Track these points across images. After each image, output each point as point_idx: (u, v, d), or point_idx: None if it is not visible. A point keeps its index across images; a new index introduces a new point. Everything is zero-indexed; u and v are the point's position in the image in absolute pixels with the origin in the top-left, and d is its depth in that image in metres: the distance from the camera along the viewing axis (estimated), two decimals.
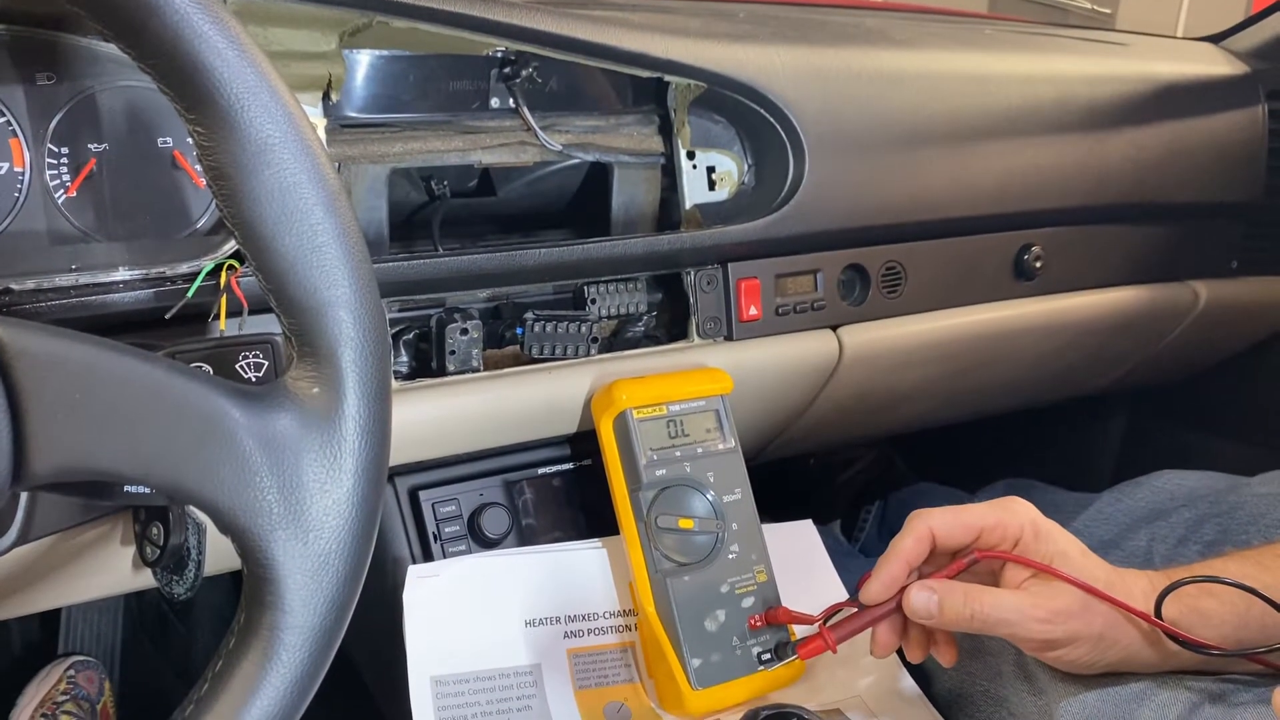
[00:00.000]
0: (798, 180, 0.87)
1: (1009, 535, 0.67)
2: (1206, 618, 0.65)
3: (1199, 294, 1.23)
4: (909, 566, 0.68)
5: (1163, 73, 1.15)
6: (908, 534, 0.67)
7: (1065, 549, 0.67)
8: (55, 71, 0.65)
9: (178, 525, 0.66)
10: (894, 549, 0.68)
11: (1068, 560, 0.66)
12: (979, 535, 0.67)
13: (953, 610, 0.65)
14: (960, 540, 0.68)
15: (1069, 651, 0.66)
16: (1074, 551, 0.67)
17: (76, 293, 0.61)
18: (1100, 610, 0.65)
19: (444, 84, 0.80)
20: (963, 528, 0.67)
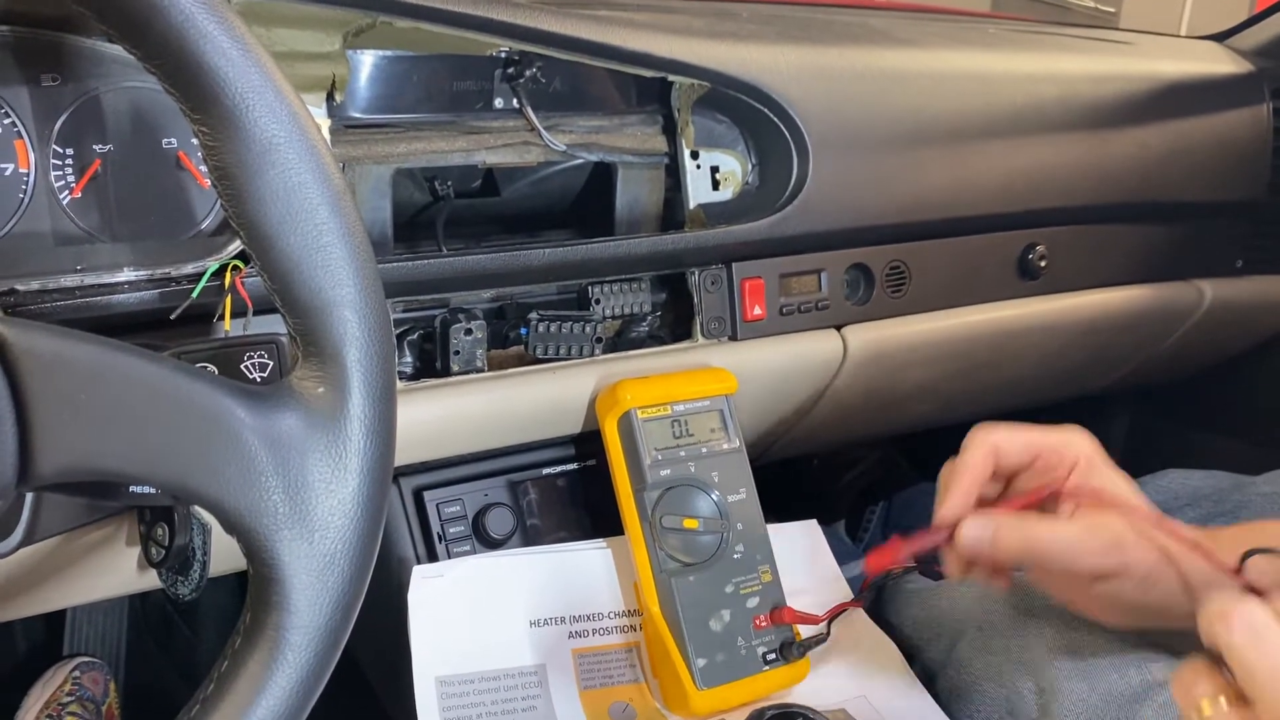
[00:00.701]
0: (802, 180, 0.87)
1: (1065, 461, 0.65)
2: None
3: (1204, 293, 1.23)
4: (979, 482, 0.65)
5: (1167, 71, 1.15)
6: (974, 449, 0.65)
7: (1120, 484, 0.65)
8: (60, 73, 0.65)
9: (183, 526, 0.66)
10: (962, 465, 0.65)
11: (1119, 494, 0.65)
12: (1037, 457, 0.66)
13: (1008, 541, 0.63)
14: (1019, 459, 0.66)
15: (1116, 585, 0.63)
16: (1126, 489, 0.65)
17: (82, 293, 0.61)
18: (1149, 548, 0.63)
19: (448, 84, 0.80)
20: (1024, 446, 0.66)
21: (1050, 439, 0.66)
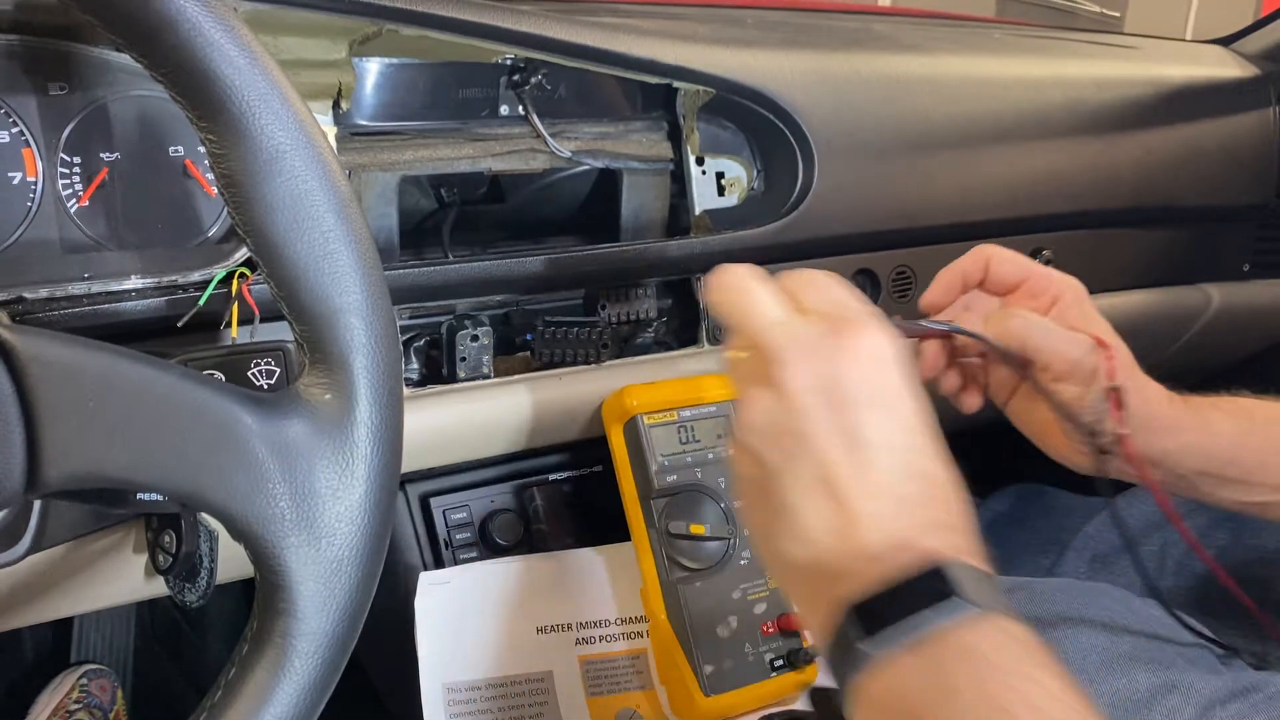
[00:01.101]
0: (807, 185, 0.87)
1: (1050, 290, 0.69)
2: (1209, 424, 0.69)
3: (1212, 297, 1.23)
4: (963, 278, 0.70)
5: (1172, 75, 1.15)
6: (966, 256, 0.70)
7: (1101, 321, 0.69)
8: (68, 81, 0.65)
9: (190, 533, 0.66)
10: (952, 264, 0.71)
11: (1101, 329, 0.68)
12: (1026, 279, 0.69)
13: (997, 319, 0.67)
14: (1010, 275, 0.69)
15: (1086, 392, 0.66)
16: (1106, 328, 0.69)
17: (89, 301, 0.62)
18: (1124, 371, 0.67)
19: (454, 91, 0.81)
20: (1014, 263, 0.69)
21: (1040, 267, 0.70)
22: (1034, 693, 0.40)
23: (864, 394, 0.47)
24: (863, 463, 0.46)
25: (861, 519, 0.46)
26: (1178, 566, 0.92)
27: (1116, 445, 0.68)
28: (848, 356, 0.48)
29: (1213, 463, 0.69)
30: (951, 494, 0.47)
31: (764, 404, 0.49)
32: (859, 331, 0.48)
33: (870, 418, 0.47)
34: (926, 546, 0.44)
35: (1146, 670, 0.70)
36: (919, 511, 0.46)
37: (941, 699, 0.41)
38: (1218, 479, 0.70)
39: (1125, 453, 0.67)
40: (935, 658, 0.42)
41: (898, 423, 0.48)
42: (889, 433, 0.47)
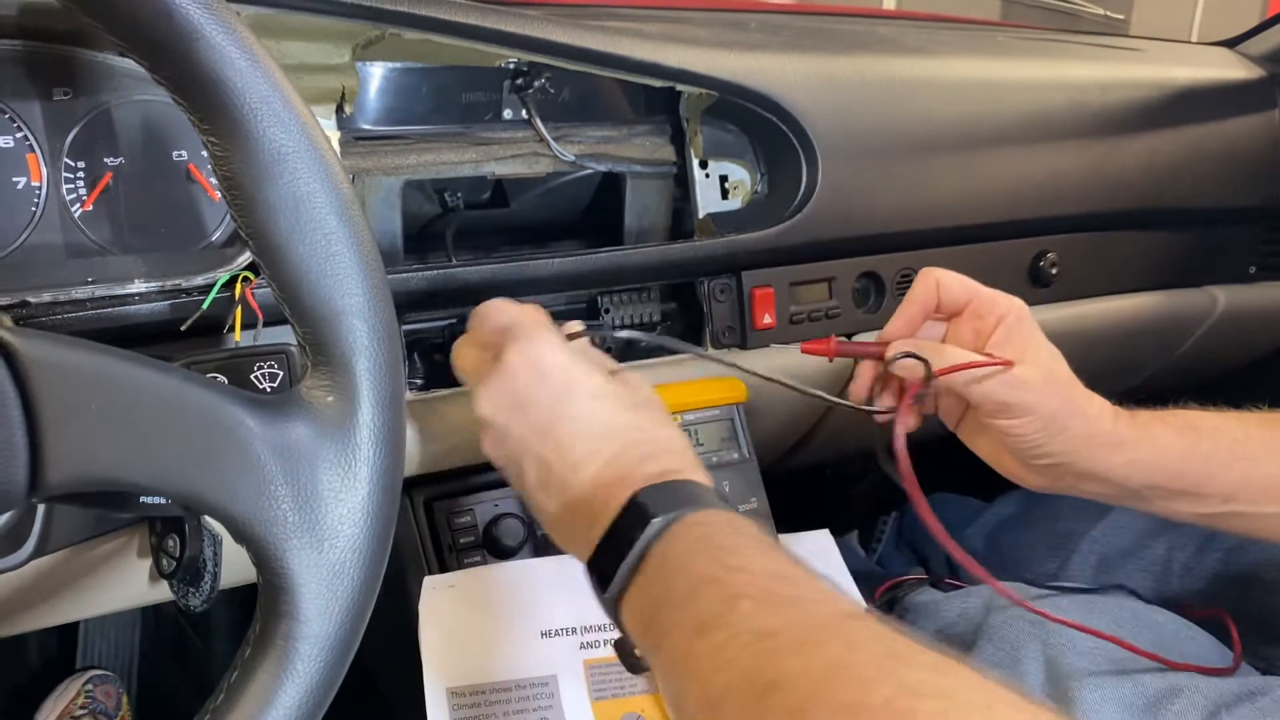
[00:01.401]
0: (811, 188, 0.87)
1: (996, 310, 0.69)
2: (1155, 438, 0.70)
3: (1217, 299, 1.22)
4: (925, 310, 0.71)
5: (1177, 78, 1.15)
6: (918, 283, 0.71)
7: (1040, 341, 0.69)
8: (72, 86, 0.65)
9: (193, 537, 0.66)
10: (908, 296, 0.71)
11: (1038, 351, 0.69)
12: (972, 300, 0.70)
13: (930, 353, 0.68)
14: (958, 296, 0.70)
15: (1021, 424, 0.67)
16: (1046, 348, 0.69)
17: (93, 305, 0.62)
18: (1060, 395, 0.68)
19: (457, 96, 0.81)
20: (962, 287, 0.70)
21: (986, 289, 0.71)
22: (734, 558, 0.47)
23: (535, 395, 0.58)
24: (558, 444, 0.57)
25: (579, 489, 0.55)
26: (1184, 570, 0.92)
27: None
28: (510, 373, 0.59)
29: (1160, 476, 0.70)
30: (647, 429, 0.57)
31: (490, 437, 0.61)
32: (511, 349, 0.59)
33: (551, 410, 0.57)
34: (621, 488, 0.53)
35: (1152, 674, 0.70)
36: (621, 460, 0.55)
37: (665, 598, 0.48)
38: (1167, 492, 0.70)
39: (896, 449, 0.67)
40: (655, 569, 0.49)
41: (574, 403, 0.57)
42: (570, 414, 0.57)
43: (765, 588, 0.46)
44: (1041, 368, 0.67)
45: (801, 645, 0.41)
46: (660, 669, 0.48)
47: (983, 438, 0.73)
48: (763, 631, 0.43)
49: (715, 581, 0.46)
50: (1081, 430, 0.68)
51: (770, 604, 0.45)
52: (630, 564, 0.50)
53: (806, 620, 0.43)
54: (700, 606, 0.46)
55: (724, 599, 0.45)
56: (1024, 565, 1.03)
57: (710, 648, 0.44)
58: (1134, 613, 0.78)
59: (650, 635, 0.49)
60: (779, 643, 0.42)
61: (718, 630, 0.44)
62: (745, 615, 0.44)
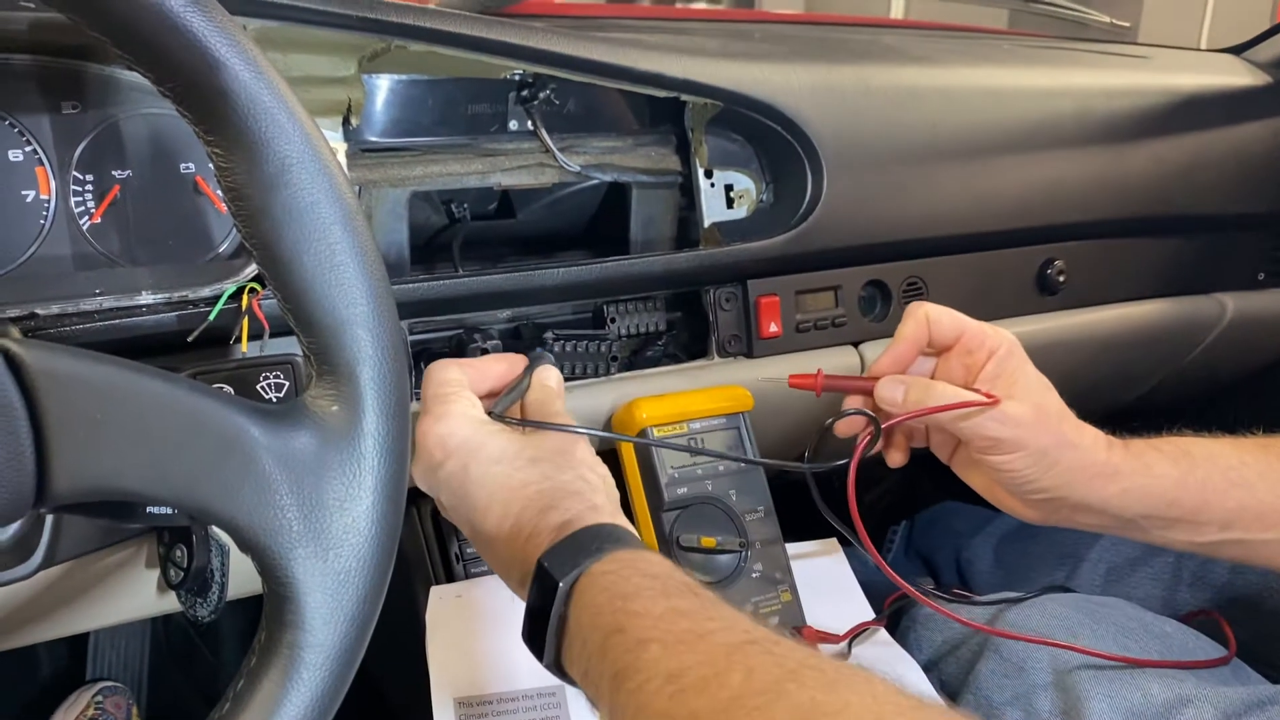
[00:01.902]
0: (816, 197, 0.87)
1: (987, 345, 0.70)
2: (1150, 467, 0.70)
3: (1226, 306, 1.22)
4: (916, 346, 0.72)
5: (1183, 85, 1.15)
6: (908, 319, 0.72)
7: (1031, 375, 0.70)
8: (80, 100, 0.66)
9: (201, 547, 0.66)
10: (898, 333, 0.72)
11: (1028, 385, 0.69)
12: (962, 335, 0.71)
13: (915, 396, 0.68)
14: (948, 332, 0.71)
15: (1012, 459, 0.68)
16: (1036, 382, 0.70)
17: (101, 317, 0.62)
18: (1051, 429, 0.68)
19: (463, 107, 0.81)
20: (951, 321, 0.71)
21: (975, 323, 0.71)
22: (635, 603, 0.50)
23: (447, 466, 0.62)
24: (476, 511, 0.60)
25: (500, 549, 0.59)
26: (1193, 579, 0.91)
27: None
28: (424, 447, 0.62)
29: (1156, 505, 0.70)
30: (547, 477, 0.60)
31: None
32: (423, 430, 0.63)
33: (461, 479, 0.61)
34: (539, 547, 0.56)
35: (1161, 683, 0.69)
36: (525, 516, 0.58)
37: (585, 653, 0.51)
38: (1164, 520, 0.70)
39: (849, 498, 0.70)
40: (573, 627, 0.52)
41: (476, 469, 0.61)
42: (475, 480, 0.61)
43: (667, 629, 0.48)
44: (1031, 402, 0.68)
45: (705, 683, 0.44)
46: (603, 718, 0.50)
47: (976, 472, 0.73)
48: (670, 674, 0.46)
49: (622, 630, 0.49)
50: (1074, 462, 0.68)
51: (674, 645, 0.47)
52: (554, 630, 0.53)
53: (709, 655, 0.46)
54: (613, 657, 0.48)
55: (631, 647, 0.48)
56: (1033, 575, 1.03)
57: (628, 695, 0.47)
58: (1142, 623, 0.78)
59: (588, 687, 0.52)
60: (686, 683, 0.45)
61: (632, 677, 0.47)
62: (654, 659, 0.47)
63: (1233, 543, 0.70)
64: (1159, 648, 0.76)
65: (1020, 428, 0.67)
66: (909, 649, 0.84)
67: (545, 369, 0.70)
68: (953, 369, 0.71)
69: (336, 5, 0.67)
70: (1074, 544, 1.03)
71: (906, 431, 0.74)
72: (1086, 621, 0.77)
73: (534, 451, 0.62)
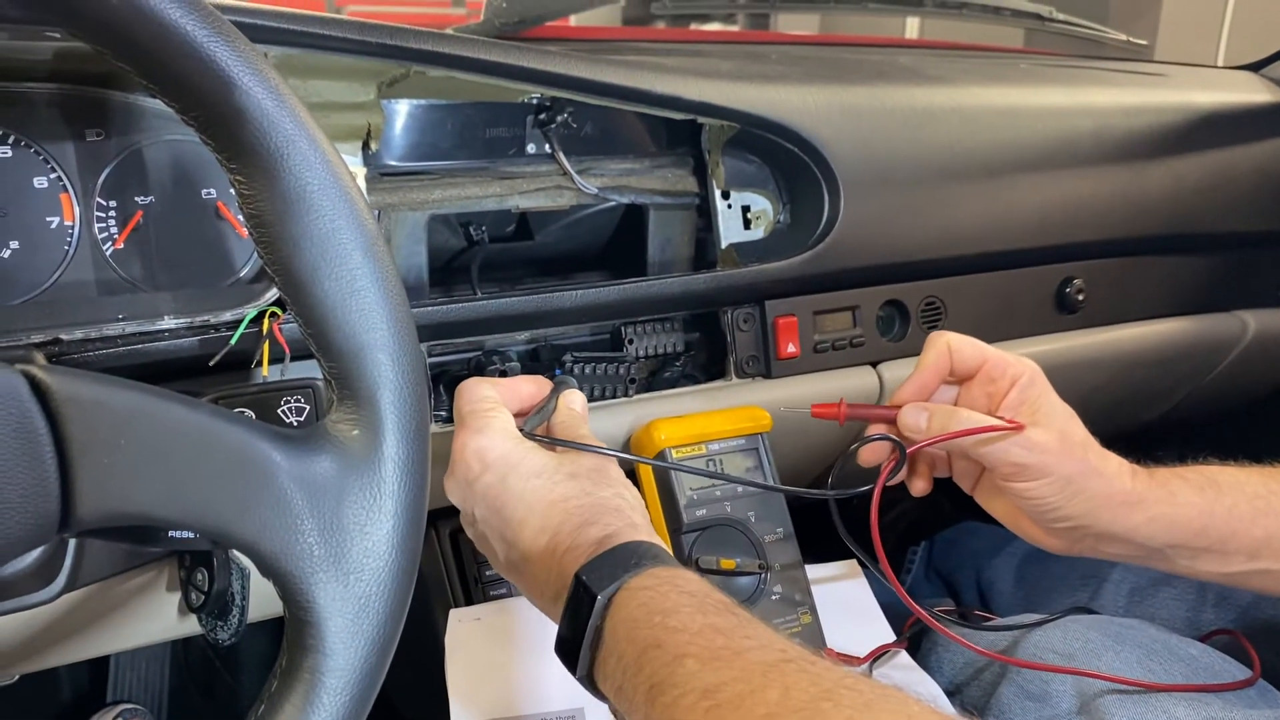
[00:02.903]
0: (833, 217, 0.87)
1: (1009, 373, 0.70)
2: (1175, 495, 0.69)
3: (1247, 324, 1.21)
4: (938, 375, 0.72)
5: (1201, 102, 1.15)
6: (930, 349, 0.72)
7: (1054, 403, 0.69)
8: (104, 128, 0.67)
9: (222, 571, 0.66)
10: (920, 362, 0.72)
11: (1052, 412, 0.69)
12: (984, 364, 0.71)
13: (939, 423, 0.68)
14: (970, 360, 0.71)
15: (1037, 487, 0.68)
16: (1060, 409, 0.69)
17: (123, 341, 0.63)
18: (1076, 457, 0.67)
19: (481, 131, 0.82)
20: (974, 350, 0.71)
21: (997, 351, 0.71)
22: (673, 619, 0.50)
23: (484, 480, 0.62)
24: (511, 525, 0.60)
25: (536, 565, 0.59)
26: (1218, 599, 0.90)
27: None
28: (461, 462, 0.63)
29: (1183, 534, 0.69)
30: (587, 493, 0.60)
31: (461, 518, 0.66)
32: (461, 442, 0.63)
33: (499, 493, 0.61)
34: (577, 561, 0.56)
35: (1187, 706, 0.69)
36: (564, 531, 0.58)
37: (621, 666, 0.51)
38: (1191, 550, 0.70)
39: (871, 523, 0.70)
40: (610, 641, 0.53)
41: (515, 483, 0.61)
42: (514, 494, 0.61)
43: (705, 644, 0.49)
44: (1055, 430, 0.67)
45: (741, 699, 0.45)
46: None
47: (999, 501, 0.73)
48: (706, 689, 0.46)
49: (659, 645, 0.50)
50: (1099, 490, 0.68)
51: (711, 661, 0.48)
52: (589, 643, 0.53)
53: (745, 672, 0.47)
54: (649, 671, 0.49)
55: (668, 661, 0.49)
56: (1055, 595, 1.02)
57: (663, 710, 0.47)
58: (1166, 645, 0.77)
59: (620, 701, 0.52)
60: (722, 698, 0.45)
61: (668, 691, 0.47)
62: (690, 674, 0.47)
63: (1260, 573, 0.70)
64: (1184, 670, 0.75)
65: (1045, 454, 0.67)
66: (930, 672, 0.83)
67: (571, 392, 0.70)
68: (975, 397, 0.71)
69: (356, 32, 0.68)
70: (1096, 565, 1.02)
71: (929, 460, 0.74)
72: (1110, 643, 0.76)
73: (571, 468, 0.62)
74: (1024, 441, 0.66)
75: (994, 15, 1.24)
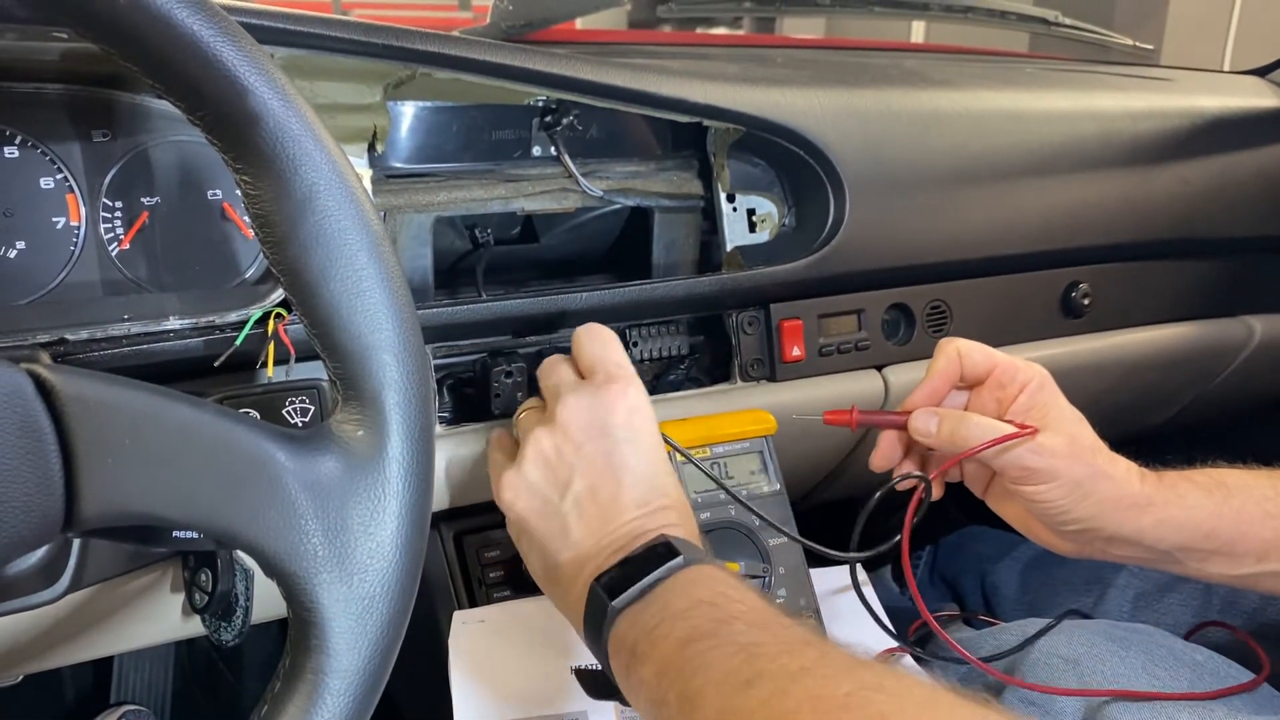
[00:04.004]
0: (839, 221, 0.87)
1: (1019, 378, 0.71)
2: (1183, 498, 0.70)
3: (1253, 329, 1.21)
4: (948, 381, 0.73)
5: (1207, 107, 1.14)
6: (939, 355, 0.73)
7: (1063, 407, 0.70)
8: (110, 128, 0.67)
9: (226, 572, 0.66)
10: (931, 368, 0.73)
11: (1061, 417, 0.70)
12: (994, 369, 0.72)
13: (949, 428, 0.69)
14: (980, 366, 0.72)
15: (1047, 490, 0.68)
16: (1069, 414, 0.70)
17: (129, 342, 0.63)
18: (1085, 461, 0.68)
19: (486, 133, 0.82)
20: (983, 356, 0.72)
21: (1006, 357, 0.72)
22: (735, 593, 0.55)
23: (620, 433, 0.64)
24: (619, 481, 0.62)
25: (617, 521, 0.61)
26: (1224, 604, 0.90)
27: None
28: (609, 405, 0.64)
29: (1191, 536, 0.70)
30: (676, 500, 0.64)
31: (546, 441, 0.64)
32: (621, 389, 0.65)
33: (625, 449, 0.63)
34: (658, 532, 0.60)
35: (1191, 712, 0.68)
36: (656, 514, 0.62)
37: (663, 614, 0.54)
38: (1200, 553, 0.70)
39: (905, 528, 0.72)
40: (660, 595, 0.56)
41: (644, 454, 0.64)
42: (637, 460, 0.63)
43: (756, 616, 0.53)
44: (1065, 434, 0.68)
45: (779, 654, 0.48)
46: (643, 679, 0.53)
47: (1010, 504, 0.74)
48: (747, 644, 0.50)
49: (714, 605, 0.54)
50: (1108, 493, 0.68)
51: (757, 626, 0.52)
52: (645, 584, 0.56)
53: (787, 638, 0.50)
54: (694, 623, 0.53)
55: (718, 619, 0.52)
56: (1059, 600, 1.02)
57: (695, 653, 0.50)
58: (1171, 651, 0.77)
59: (641, 646, 0.54)
60: (760, 651, 0.49)
61: (706, 639, 0.51)
62: (735, 632, 0.51)
63: (1269, 574, 0.70)
64: (1189, 676, 0.74)
65: (1055, 458, 0.67)
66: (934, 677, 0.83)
67: None
68: (985, 402, 0.72)
69: (362, 34, 0.68)
70: (1100, 570, 1.01)
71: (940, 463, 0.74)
72: (1114, 649, 0.76)
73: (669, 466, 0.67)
74: (1035, 446, 0.67)
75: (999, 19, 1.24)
